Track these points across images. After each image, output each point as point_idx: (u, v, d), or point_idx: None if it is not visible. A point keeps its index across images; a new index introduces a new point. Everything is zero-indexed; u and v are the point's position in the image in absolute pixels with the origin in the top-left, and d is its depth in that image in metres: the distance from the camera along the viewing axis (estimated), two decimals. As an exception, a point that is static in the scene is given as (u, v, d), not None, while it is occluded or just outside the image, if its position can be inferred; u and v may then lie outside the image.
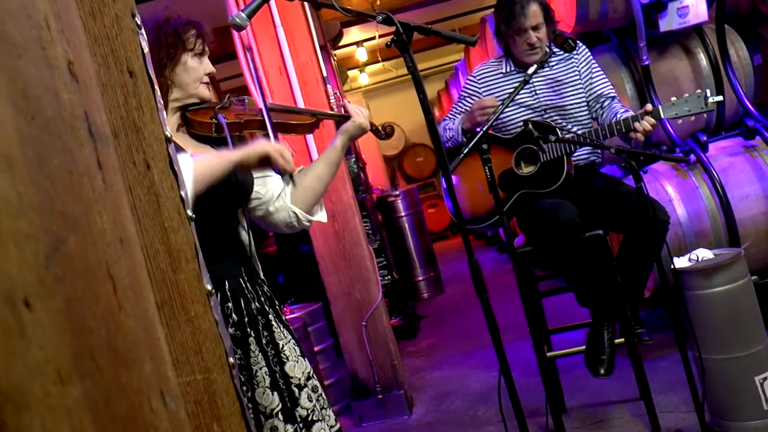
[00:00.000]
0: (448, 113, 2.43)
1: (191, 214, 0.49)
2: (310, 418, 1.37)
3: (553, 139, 2.00)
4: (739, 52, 2.99)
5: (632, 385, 2.29)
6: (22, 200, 0.25)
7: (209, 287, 0.48)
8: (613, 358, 2.08)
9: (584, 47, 2.32)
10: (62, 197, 0.28)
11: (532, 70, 2.12)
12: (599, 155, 2.34)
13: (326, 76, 2.93)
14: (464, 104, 2.36)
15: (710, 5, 2.86)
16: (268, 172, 1.51)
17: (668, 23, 2.77)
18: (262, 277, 1.47)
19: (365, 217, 3.69)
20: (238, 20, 1.56)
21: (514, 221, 2.42)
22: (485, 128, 2.02)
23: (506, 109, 2.25)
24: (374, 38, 6.33)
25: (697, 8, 2.77)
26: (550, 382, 2.10)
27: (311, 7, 2.81)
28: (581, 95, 2.28)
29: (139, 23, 0.48)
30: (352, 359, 2.88)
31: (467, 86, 2.37)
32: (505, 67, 2.31)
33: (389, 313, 3.57)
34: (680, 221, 2.65)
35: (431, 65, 8.71)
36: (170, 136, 0.49)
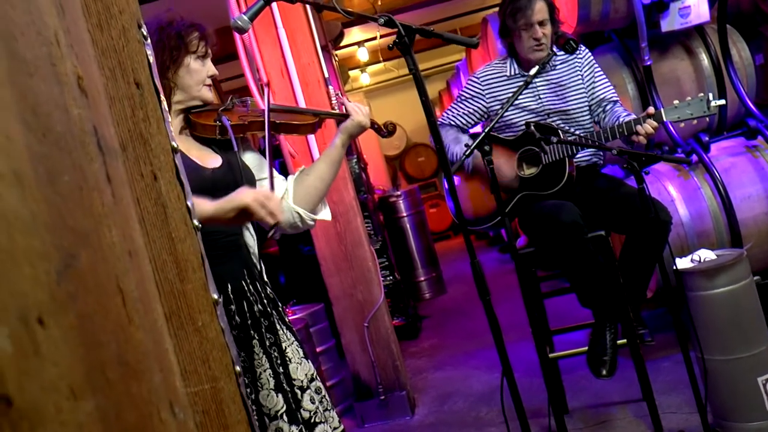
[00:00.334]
0: (445, 112, 2.40)
1: (197, 223, 0.49)
2: (312, 420, 1.37)
3: (554, 140, 2.00)
4: (741, 52, 2.98)
5: (635, 385, 2.29)
6: (34, 218, 0.25)
7: (215, 296, 0.49)
8: (615, 359, 2.08)
9: (587, 50, 2.31)
10: (73, 213, 0.28)
11: (534, 71, 2.12)
12: (601, 156, 2.34)
13: (328, 77, 2.93)
14: (465, 105, 2.35)
15: (712, 5, 2.85)
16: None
17: (670, 23, 2.77)
18: (265, 278, 1.47)
19: (367, 217, 3.69)
20: (240, 23, 1.56)
21: (515, 222, 2.42)
22: (487, 130, 2.02)
23: (509, 112, 2.25)
24: (375, 38, 6.33)
25: (698, 8, 2.76)
26: (552, 383, 2.10)
27: (313, 8, 2.81)
28: (584, 99, 2.28)
29: (145, 34, 0.49)
30: (354, 360, 2.88)
31: (469, 87, 2.35)
32: (509, 69, 2.30)
33: (391, 313, 3.57)
34: (682, 222, 2.65)
35: (432, 65, 8.70)
36: (176, 146, 0.49)
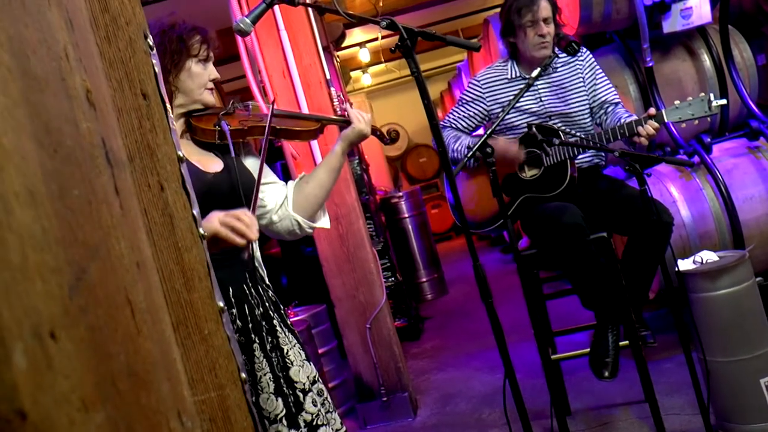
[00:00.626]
0: (447, 115, 2.40)
1: (203, 232, 0.50)
2: (315, 422, 1.37)
3: (556, 142, 2.00)
4: (742, 53, 2.98)
5: (637, 387, 2.29)
6: (46, 234, 0.25)
7: (221, 304, 0.49)
8: (617, 360, 2.08)
9: (588, 53, 2.31)
10: (83, 227, 0.29)
11: (535, 73, 2.12)
12: (603, 158, 2.34)
13: (329, 78, 2.93)
14: (466, 109, 2.35)
15: (713, 6, 2.85)
16: (271, 179, 1.52)
17: (672, 24, 2.77)
18: (267, 282, 1.47)
19: (369, 218, 3.69)
20: (242, 25, 1.57)
21: (517, 224, 2.42)
22: (489, 132, 2.03)
23: (511, 115, 2.25)
24: (377, 39, 6.34)
25: (700, 9, 2.76)
26: (554, 384, 2.10)
27: (314, 10, 2.82)
28: (585, 102, 2.28)
29: (151, 44, 0.49)
30: (356, 361, 2.89)
31: (470, 90, 2.35)
32: (510, 71, 2.30)
33: (393, 314, 3.57)
34: (684, 223, 2.65)
35: (434, 66, 8.70)
36: (182, 155, 0.49)
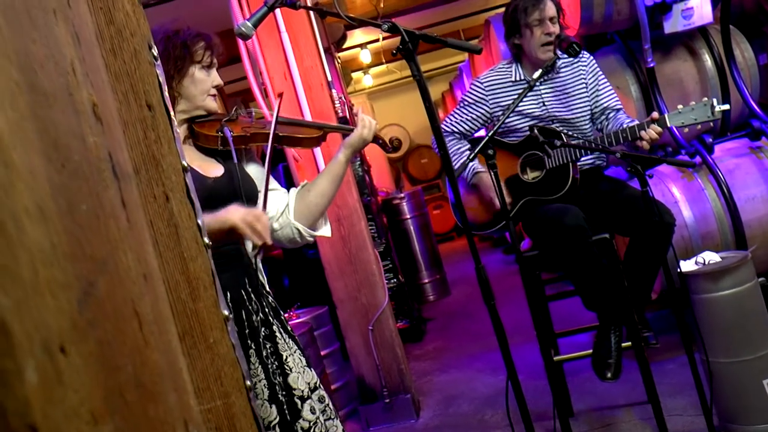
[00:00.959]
0: (448, 117, 2.40)
1: (207, 241, 0.50)
2: (312, 430, 1.36)
3: (558, 144, 2.00)
4: (744, 53, 2.98)
5: (639, 388, 2.29)
6: (55, 249, 0.26)
7: (226, 312, 0.50)
8: (620, 362, 2.08)
9: (591, 58, 2.31)
10: (91, 242, 0.29)
11: (537, 74, 2.12)
12: (604, 159, 2.34)
13: (331, 80, 2.94)
14: (468, 111, 2.35)
15: (715, 6, 2.85)
16: (273, 186, 1.51)
17: (673, 25, 2.77)
18: (267, 288, 1.47)
19: (370, 220, 3.69)
20: (244, 29, 1.57)
21: (519, 225, 2.42)
22: (490, 134, 2.03)
23: (514, 118, 2.25)
24: (378, 40, 6.34)
25: (701, 9, 2.76)
26: (557, 385, 2.10)
27: (316, 13, 2.82)
28: (586, 107, 2.28)
29: (155, 54, 0.50)
30: (358, 363, 2.89)
31: (473, 92, 2.35)
32: (514, 74, 2.29)
33: (395, 316, 3.58)
34: (686, 223, 2.65)
35: (435, 66, 8.70)
36: (186, 165, 0.50)
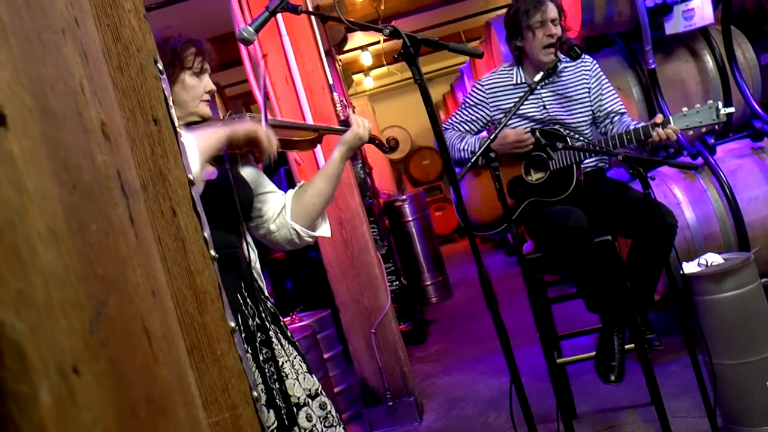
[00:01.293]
0: (450, 117, 2.40)
1: (214, 253, 0.50)
2: None
3: (560, 146, 2.01)
4: (745, 53, 2.98)
5: (643, 389, 2.28)
6: (68, 271, 0.26)
7: (232, 324, 0.50)
8: (623, 364, 2.08)
9: (595, 62, 2.31)
10: (101, 261, 0.30)
11: (538, 77, 2.12)
12: (606, 161, 2.35)
13: (332, 83, 2.94)
14: (469, 113, 2.35)
15: (716, 7, 2.85)
16: (270, 188, 1.52)
17: (674, 26, 2.77)
18: (266, 293, 1.45)
19: (373, 222, 3.70)
20: (245, 34, 1.58)
21: (521, 227, 2.42)
22: (492, 137, 2.03)
23: (515, 121, 2.26)
24: (379, 42, 6.35)
25: (702, 10, 2.76)
26: (560, 388, 2.10)
27: (317, 17, 2.83)
28: (588, 112, 2.28)
29: (161, 69, 0.50)
30: (361, 366, 2.89)
31: (474, 94, 2.35)
32: (516, 77, 2.30)
33: (398, 318, 3.58)
34: (689, 225, 2.65)
35: (436, 68, 8.71)
36: (192, 178, 0.50)
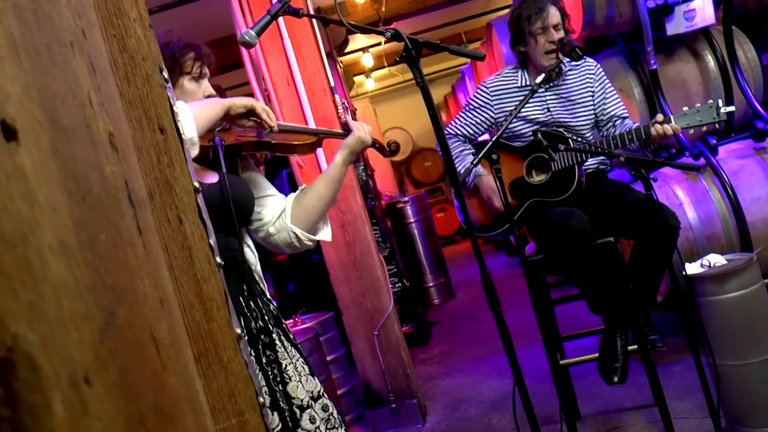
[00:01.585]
0: (453, 120, 2.41)
1: (219, 260, 0.51)
2: None
3: (562, 148, 2.01)
4: (747, 53, 2.98)
5: (646, 390, 2.28)
6: (78, 282, 0.26)
7: (238, 330, 0.50)
8: (626, 365, 2.08)
9: (599, 65, 2.31)
10: (110, 272, 0.30)
11: (539, 79, 2.12)
12: (608, 163, 2.35)
13: (334, 85, 2.95)
14: (472, 115, 2.35)
15: (717, 7, 2.85)
16: (270, 191, 1.52)
17: (675, 27, 2.77)
18: (268, 296, 1.45)
19: (375, 224, 3.70)
20: (247, 38, 1.58)
21: (523, 229, 2.42)
22: (494, 139, 2.03)
23: (518, 124, 2.26)
24: (380, 44, 6.35)
25: (703, 11, 2.76)
26: (563, 389, 2.10)
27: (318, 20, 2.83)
28: (591, 115, 2.29)
29: (166, 77, 0.50)
30: (364, 368, 2.89)
31: (478, 96, 2.35)
32: (520, 79, 2.30)
33: (400, 320, 3.58)
34: (691, 225, 2.64)
35: (437, 69, 8.72)
36: (198, 186, 0.51)
